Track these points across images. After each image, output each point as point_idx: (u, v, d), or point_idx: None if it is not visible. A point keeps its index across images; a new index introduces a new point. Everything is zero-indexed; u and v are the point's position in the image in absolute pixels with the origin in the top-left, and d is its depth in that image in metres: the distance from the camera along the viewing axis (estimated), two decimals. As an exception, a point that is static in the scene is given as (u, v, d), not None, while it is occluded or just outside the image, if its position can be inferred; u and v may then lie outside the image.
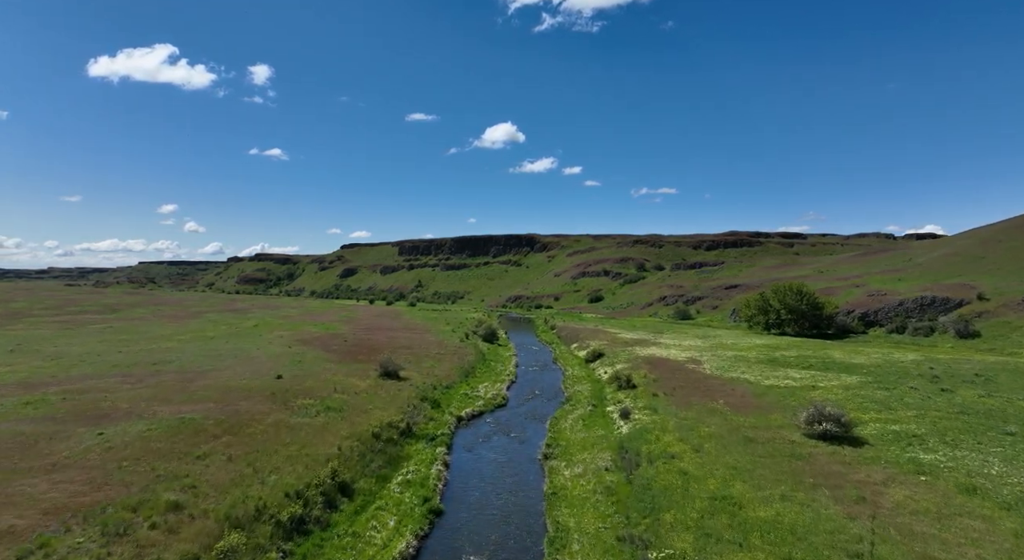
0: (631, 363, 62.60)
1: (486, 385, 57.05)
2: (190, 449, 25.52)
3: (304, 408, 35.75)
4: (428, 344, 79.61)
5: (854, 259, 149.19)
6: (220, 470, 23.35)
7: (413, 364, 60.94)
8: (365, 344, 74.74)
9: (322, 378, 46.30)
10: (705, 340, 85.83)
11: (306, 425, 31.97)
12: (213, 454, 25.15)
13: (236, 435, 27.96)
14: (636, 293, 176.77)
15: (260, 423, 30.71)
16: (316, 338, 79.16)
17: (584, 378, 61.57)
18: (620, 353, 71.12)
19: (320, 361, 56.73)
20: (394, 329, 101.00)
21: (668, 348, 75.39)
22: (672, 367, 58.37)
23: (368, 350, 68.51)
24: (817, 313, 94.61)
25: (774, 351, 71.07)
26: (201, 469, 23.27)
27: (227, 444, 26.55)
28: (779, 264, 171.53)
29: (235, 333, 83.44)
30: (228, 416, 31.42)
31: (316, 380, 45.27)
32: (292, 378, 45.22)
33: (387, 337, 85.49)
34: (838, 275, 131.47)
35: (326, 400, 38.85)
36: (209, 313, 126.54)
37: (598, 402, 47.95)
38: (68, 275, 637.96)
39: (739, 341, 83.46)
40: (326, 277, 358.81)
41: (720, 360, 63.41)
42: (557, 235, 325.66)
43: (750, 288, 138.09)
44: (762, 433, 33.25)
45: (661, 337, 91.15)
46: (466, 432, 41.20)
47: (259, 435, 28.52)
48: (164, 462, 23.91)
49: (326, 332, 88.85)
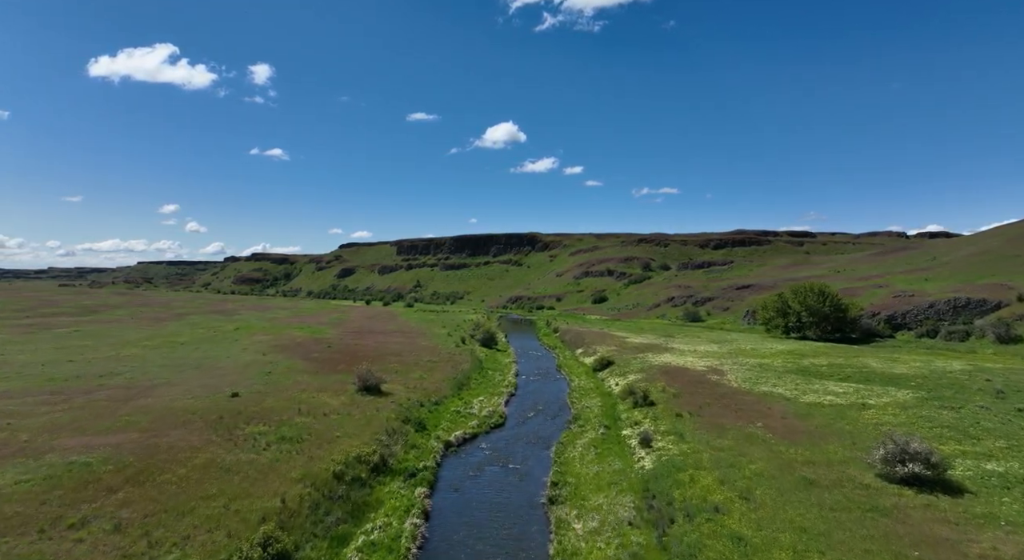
0: (645, 373, 55.76)
1: (482, 399, 50.25)
2: (65, 512, 18.75)
3: (252, 439, 28.95)
4: (420, 350, 72.84)
5: (872, 258, 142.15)
6: (94, 551, 16.55)
7: (400, 375, 54.16)
8: (350, 351, 67.99)
9: (288, 395, 39.51)
10: (721, 345, 78.98)
11: (247, 465, 25.17)
12: (97, 519, 18.38)
13: (142, 486, 21.19)
14: (642, 294, 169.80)
15: (184, 464, 23.93)
16: (297, 344, 72.41)
17: (592, 390, 54.73)
18: (631, 361, 64.27)
19: (293, 372, 49.95)
20: (386, 333, 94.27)
21: (683, 355, 68.56)
22: (693, 378, 51.52)
23: (352, 358, 61.76)
24: (840, 315, 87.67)
25: (801, 358, 64.22)
26: (67, 549, 16.50)
27: (123, 502, 19.78)
28: (791, 263, 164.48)
29: (210, 338, 76.72)
30: (144, 455, 24.62)
31: (280, 398, 38.48)
32: (251, 396, 38.44)
33: (376, 342, 78.76)
34: (857, 275, 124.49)
35: (284, 426, 32.05)
36: (193, 315, 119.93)
37: (611, 422, 41.11)
38: (67, 275, 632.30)
39: (759, 346, 76.59)
40: (323, 277, 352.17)
41: (744, 369, 56.58)
42: (559, 234, 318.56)
43: (763, 289, 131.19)
44: (823, 472, 26.41)
45: (673, 341, 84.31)
46: (455, 462, 34.40)
47: (175, 484, 21.72)
48: (13, 540, 17.02)
49: (311, 336, 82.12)
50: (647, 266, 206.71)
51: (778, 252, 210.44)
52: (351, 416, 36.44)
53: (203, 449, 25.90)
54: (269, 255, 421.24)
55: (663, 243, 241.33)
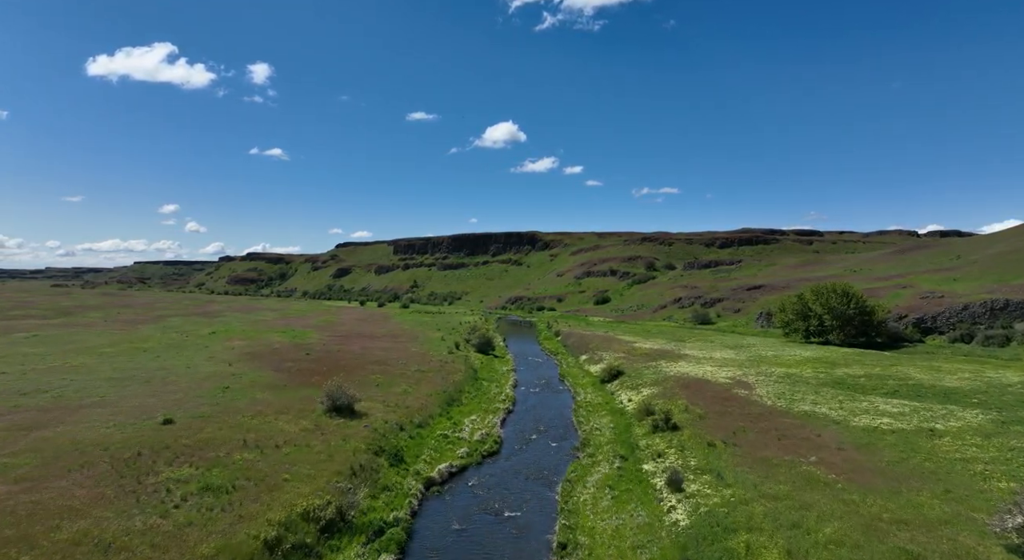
0: (661, 387, 48.91)
1: (474, 419, 43.42)
2: None
3: (164, 490, 22.07)
4: (409, 358, 66.00)
5: (888, 257, 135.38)
6: None
7: (381, 389, 47.30)
8: (330, 359, 61.16)
9: (236, 420, 32.65)
10: (739, 351, 72.19)
11: (141, 537, 18.29)
12: None
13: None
14: (647, 294, 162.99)
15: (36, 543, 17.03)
16: (273, 350, 65.55)
17: (602, 406, 47.88)
18: (643, 371, 57.42)
19: (255, 388, 43.09)
20: (375, 337, 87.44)
21: (700, 363, 61.75)
22: (717, 394, 44.68)
23: (330, 368, 54.93)
24: (866, 318, 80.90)
25: (832, 368, 57.46)
26: None
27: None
28: (802, 262, 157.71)
29: (179, 343, 69.84)
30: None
31: (224, 424, 31.61)
32: (189, 422, 31.57)
33: (361, 348, 71.92)
34: (875, 274, 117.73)
35: (216, 466, 25.20)
36: (173, 317, 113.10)
37: (628, 451, 34.27)
38: (63, 275, 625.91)
39: (781, 353, 69.80)
40: (319, 277, 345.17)
41: (773, 382, 49.79)
42: (560, 233, 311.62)
43: (775, 289, 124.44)
44: (925, 540, 19.58)
45: (685, 347, 77.52)
46: (437, 508, 27.57)
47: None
48: None
49: (291, 342, 75.25)
50: (651, 265, 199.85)
51: (786, 251, 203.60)
52: (310, 448, 29.58)
53: (84, 511, 19.03)
54: (264, 255, 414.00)
55: (667, 242, 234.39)
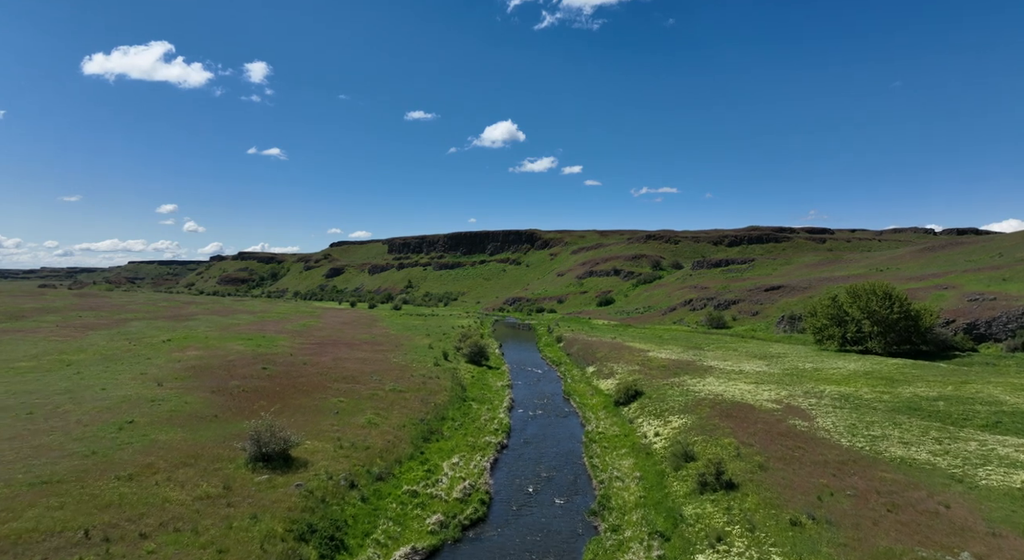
0: (695, 415, 38.75)
1: (456, 461, 33.27)
2: None
3: None
4: (386, 372, 55.89)
5: (917, 255, 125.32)
6: None
7: (340, 418, 37.15)
8: (290, 375, 51.03)
9: (99, 486, 22.47)
10: (771, 363, 62.22)
11: None
12: None
13: None
14: (653, 295, 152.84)
15: None
16: (226, 364, 55.39)
17: (620, 441, 37.75)
18: (668, 391, 47.27)
19: (167, 424, 32.93)
20: (353, 344, 77.29)
21: (731, 379, 51.69)
22: (769, 426, 34.56)
23: (284, 388, 44.83)
24: (911, 324, 70.92)
25: (892, 386, 47.45)
26: None
27: None
28: (820, 261, 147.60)
29: (117, 355, 59.64)
30: None
31: (74, 496, 21.42)
32: (17, 494, 21.35)
33: (333, 359, 61.79)
34: (906, 274, 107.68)
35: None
36: (136, 321, 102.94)
37: (668, 525, 24.17)
38: (56, 275, 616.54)
39: (821, 365, 59.81)
40: (311, 277, 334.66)
41: (831, 406, 39.72)
42: (560, 231, 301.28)
43: (795, 290, 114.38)
44: None
45: (707, 356, 67.52)
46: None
47: None
48: None
49: (254, 351, 65.09)
50: (657, 265, 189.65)
51: (797, 249, 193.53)
52: (195, 536, 19.42)
53: None
54: (256, 254, 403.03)
55: (673, 240, 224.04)
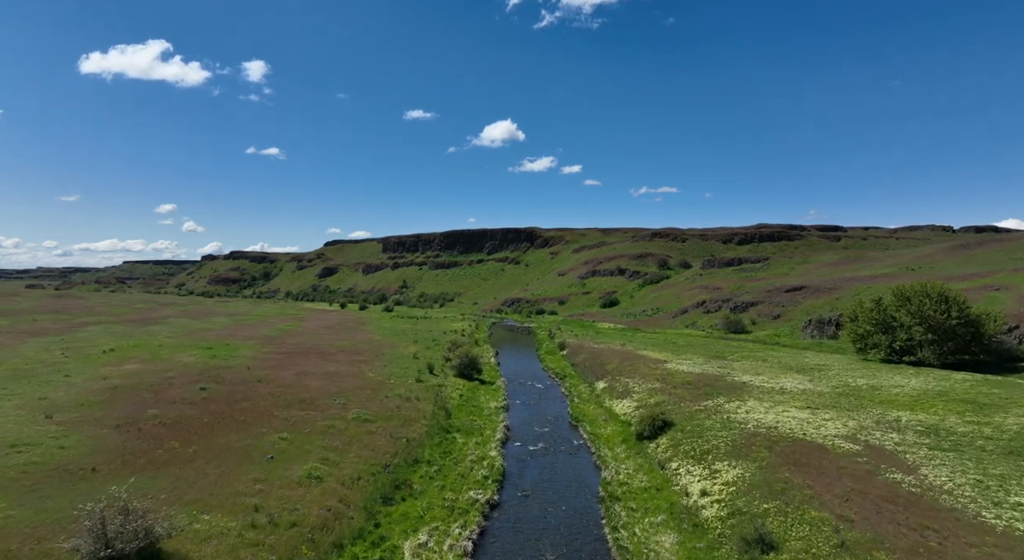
0: (750, 461, 28.77)
1: (425, 539, 23.32)
2: None
3: None
4: (356, 391, 46.00)
5: (951, 253, 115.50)
6: None
7: (271, 468, 27.23)
8: (235, 398, 41.13)
9: None
10: (814, 377, 52.47)
11: None
12: None
13: None
14: (662, 296, 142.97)
15: None
16: (159, 382, 45.49)
17: (653, 498, 27.76)
18: (704, 421, 37.29)
19: (5, 490, 23.00)
20: (327, 354, 67.38)
21: (776, 401, 41.84)
22: (864, 485, 24.66)
23: (215, 419, 34.95)
24: (972, 331, 61.09)
25: (983, 412, 37.64)
26: None
27: None
28: (840, 260, 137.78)
29: (32, 370, 49.73)
30: None
31: None
32: None
33: (296, 375, 51.91)
34: (944, 273, 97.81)
35: None
36: (93, 326, 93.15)
37: None
38: (49, 275, 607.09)
39: (875, 381, 50.00)
40: (304, 277, 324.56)
41: (928, 447, 29.87)
42: (561, 229, 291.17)
43: (820, 291, 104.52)
44: None
45: (734, 368, 57.74)
46: None
47: None
48: None
49: (204, 365, 55.21)
50: (664, 264, 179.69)
51: (812, 247, 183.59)
52: None
53: None
54: (247, 253, 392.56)
55: (680, 238, 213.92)
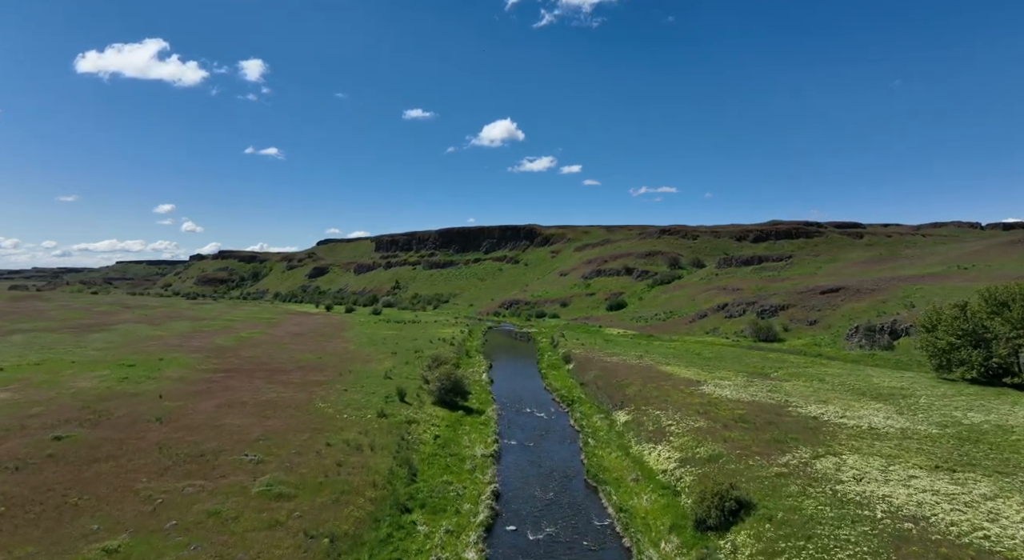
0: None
1: None
2: None
3: None
4: (286, 434, 32.95)
5: (1007, 249, 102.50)
6: None
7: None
8: (95, 456, 28.26)
9: None
10: (902, 408, 39.56)
11: None
12: None
13: None
14: (674, 298, 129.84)
15: None
16: (15, 423, 32.47)
17: None
18: (802, 501, 24.12)
19: None
20: (278, 373, 54.30)
21: (883, 453, 28.79)
22: None
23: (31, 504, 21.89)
24: (1088, 345, 48.08)
25: None
26: None
27: None
28: (873, 258, 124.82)
29: None
30: None
31: None
32: None
33: (216, 408, 38.79)
34: (1007, 273, 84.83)
35: None
36: (26, 333, 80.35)
37: None
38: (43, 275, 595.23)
39: (995, 418, 37.01)
40: (294, 277, 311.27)
41: None
42: (562, 226, 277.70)
43: (861, 293, 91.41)
44: None
45: (788, 392, 44.72)
46: None
47: None
48: None
49: (106, 389, 42.15)
50: (675, 263, 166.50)
51: (834, 244, 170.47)
52: None
53: None
54: (236, 253, 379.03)
55: (691, 235, 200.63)
